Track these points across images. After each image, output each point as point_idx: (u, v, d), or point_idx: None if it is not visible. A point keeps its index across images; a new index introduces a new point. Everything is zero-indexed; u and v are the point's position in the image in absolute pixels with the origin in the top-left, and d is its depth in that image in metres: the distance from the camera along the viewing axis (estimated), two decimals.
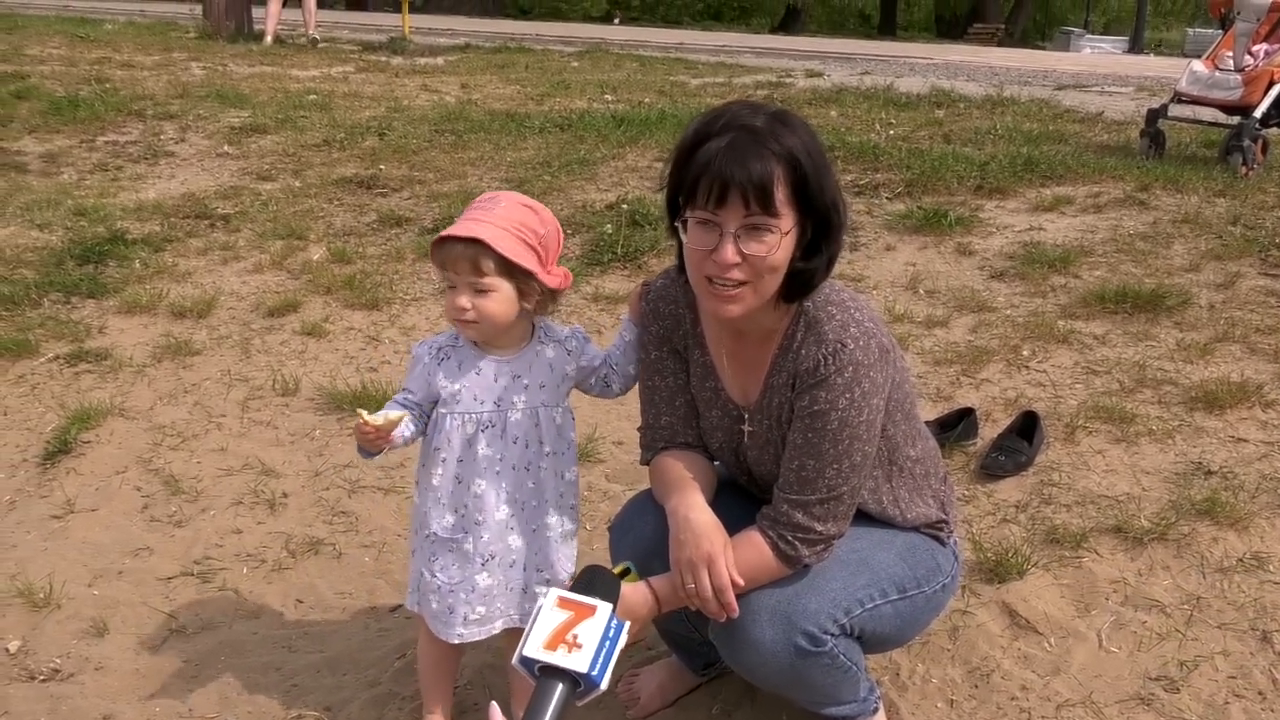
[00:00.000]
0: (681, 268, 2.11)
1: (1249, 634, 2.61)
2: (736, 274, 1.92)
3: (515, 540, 2.31)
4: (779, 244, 1.92)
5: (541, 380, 2.29)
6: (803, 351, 2.04)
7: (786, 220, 1.92)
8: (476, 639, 2.36)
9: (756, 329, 2.10)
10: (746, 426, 2.17)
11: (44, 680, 2.76)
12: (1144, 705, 2.44)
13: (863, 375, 2.00)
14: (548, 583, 2.33)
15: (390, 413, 2.19)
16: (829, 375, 2.00)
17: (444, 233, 2.14)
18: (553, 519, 2.33)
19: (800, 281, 2.01)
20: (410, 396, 2.29)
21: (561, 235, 2.27)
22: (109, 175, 6.88)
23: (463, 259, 2.13)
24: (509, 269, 2.14)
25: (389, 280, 5.00)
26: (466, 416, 2.25)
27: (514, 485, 2.28)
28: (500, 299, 2.17)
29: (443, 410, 2.27)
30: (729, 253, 1.90)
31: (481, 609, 2.32)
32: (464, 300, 2.16)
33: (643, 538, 2.27)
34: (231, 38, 14.13)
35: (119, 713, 2.62)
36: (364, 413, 2.16)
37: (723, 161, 1.88)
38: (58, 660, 2.83)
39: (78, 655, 2.85)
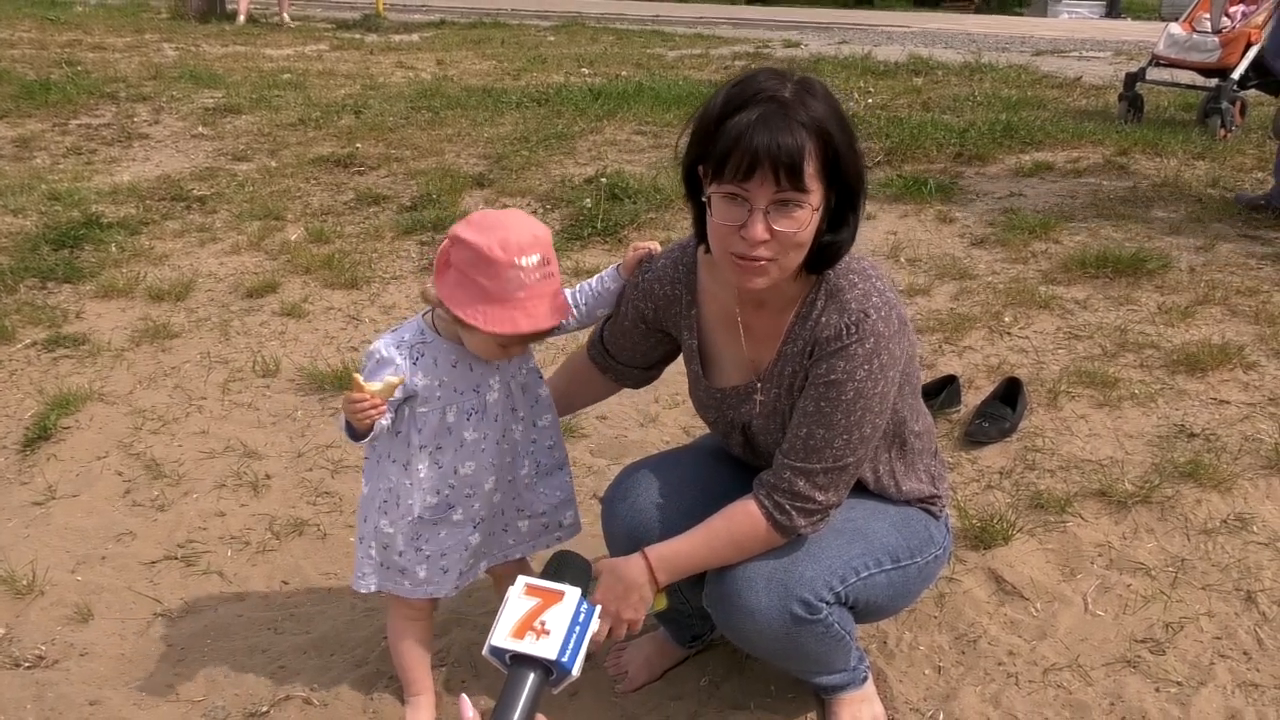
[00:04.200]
0: (698, 241, 2.07)
1: (1233, 594, 2.62)
2: (764, 250, 1.88)
3: (497, 497, 2.35)
4: (809, 220, 1.87)
5: None
6: (823, 319, 2.01)
7: (816, 195, 1.86)
8: (467, 584, 2.42)
9: (777, 298, 2.07)
10: (758, 396, 2.16)
11: (29, 668, 2.74)
12: (1130, 667, 2.46)
13: (883, 347, 1.97)
14: (528, 516, 2.41)
15: (390, 377, 2.11)
16: (849, 344, 1.97)
17: (528, 327, 2.04)
18: (525, 470, 2.36)
19: (827, 254, 1.97)
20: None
21: None
22: (83, 159, 6.81)
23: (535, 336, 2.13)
24: None
25: (368, 259, 4.97)
26: (448, 408, 2.23)
27: (496, 456, 2.29)
28: None
29: (422, 409, 2.22)
30: (759, 229, 1.85)
31: (472, 560, 2.37)
32: (516, 351, 2.18)
33: (636, 507, 2.28)
34: (204, 18, 14.01)
35: (105, 699, 2.61)
36: (359, 377, 2.08)
37: (752, 135, 1.81)
38: (42, 647, 2.81)
39: (62, 642, 2.83)
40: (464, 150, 6.45)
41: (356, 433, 2.15)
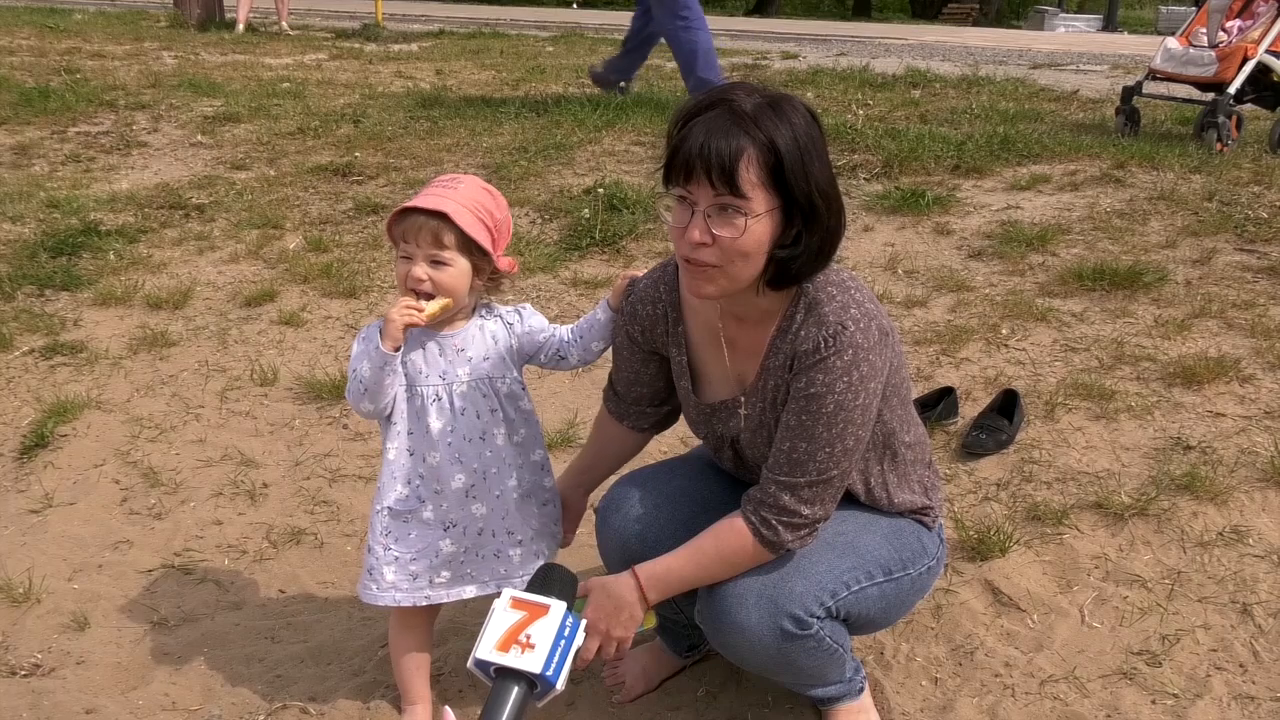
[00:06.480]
0: None
1: (1229, 607, 2.63)
2: (705, 255, 1.90)
3: (479, 508, 2.35)
4: (746, 227, 1.87)
5: (485, 354, 2.33)
6: (802, 333, 2.01)
7: (757, 204, 1.87)
8: (445, 601, 2.40)
9: (754, 312, 2.08)
10: (742, 410, 2.16)
11: (25, 675, 2.74)
12: (1126, 680, 2.46)
13: (862, 358, 1.97)
14: (519, 543, 2.40)
15: (442, 299, 2.22)
16: (828, 357, 1.97)
17: (408, 203, 2.18)
18: (511, 482, 2.37)
19: (784, 269, 1.96)
20: None
21: (511, 225, 2.34)
22: (81, 166, 6.81)
23: (425, 230, 2.18)
24: (467, 245, 2.21)
25: (366, 268, 4.97)
26: (413, 390, 2.30)
27: (469, 455, 2.32)
28: (455, 274, 2.23)
29: (399, 386, 2.31)
30: (696, 232, 1.88)
31: (447, 574, 2.37)
32: (420, 271, 2.21)
33: (630, 518, 2.28)
34: (203, 26, 14.01)
35: (101, 707, 2.61)
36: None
37: (695, 138, 1.86)
38: (38, 655, 2.81)
39: (59, 650, 2.83)
40: (462, 160, 6.45)
41: (384, 354, 2.19)
